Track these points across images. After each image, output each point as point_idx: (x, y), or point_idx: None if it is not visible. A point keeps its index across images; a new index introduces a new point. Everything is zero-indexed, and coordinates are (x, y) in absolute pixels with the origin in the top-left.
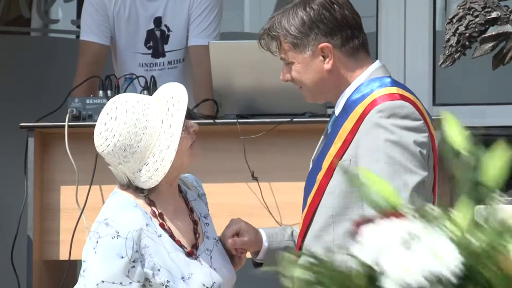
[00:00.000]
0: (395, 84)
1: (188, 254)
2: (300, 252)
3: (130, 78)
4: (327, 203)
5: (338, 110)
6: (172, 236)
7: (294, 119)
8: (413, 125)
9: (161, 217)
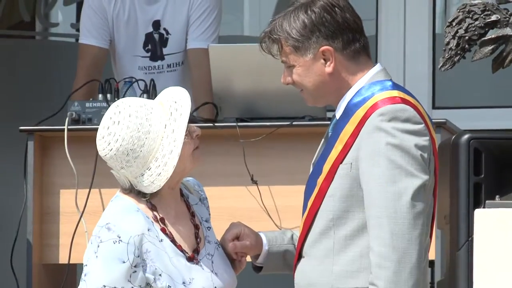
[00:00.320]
0: (396, 87)
1: (189, 259)
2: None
3: (129, 82)
4: (328, 207)
5: (339, 114)
6: (173, 241)
7: (293, 123)
8: (414, 129)
9: (162, 221)
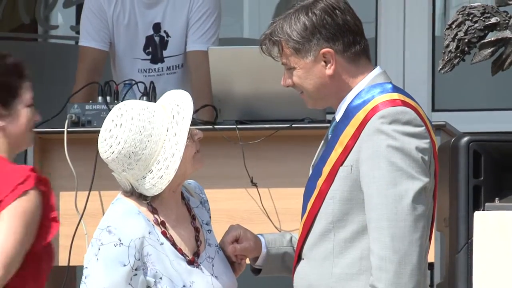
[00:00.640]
0: (396, 90)
1: (189, 262)
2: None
3: (129, 84)
4: (328, 209)
5: (339, 116)
6: (174, 244)
7: (293, 125)
8: (415, 131)
9: (163, 225)
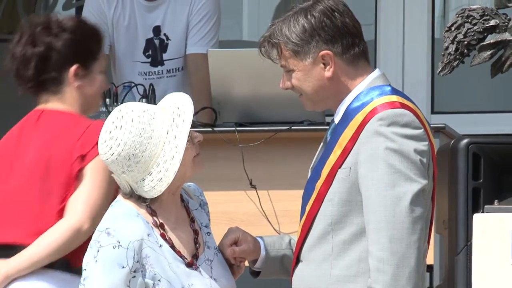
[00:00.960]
0: (395, 92)
1: (188, 265)
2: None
3: (128, 86)
4: (326, 211)
5: (337, 118)
6: (173, 247)
7: (292, 127)
8: (414, 134)
9: (162, 227)
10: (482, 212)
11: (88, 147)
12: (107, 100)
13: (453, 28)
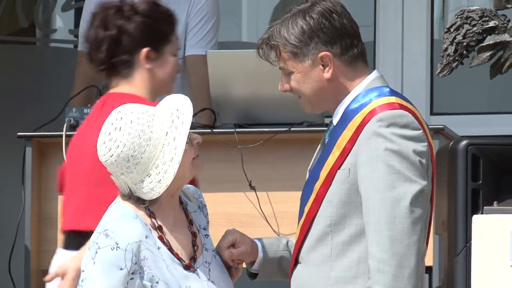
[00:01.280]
0: (393, 93)
1: (186, 267)
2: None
3: None
4: (326, 212)
5: (336, 120)
6: (171, 249)
7: (291, 129)
8: (413, 135)
9: (160, 229)
10: (482, 213)
11: None
12: None
13: (452, 29)
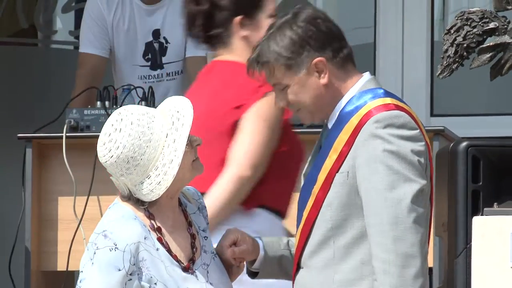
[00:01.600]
0: (388, 95)
1: (184, 269)
2: None
3: (127, 89)
4: (326, 216)
5: (331, 123)
6: (169, 251)
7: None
8: (410, 134)
9: (159, 231)
10: (482, 214)
11: (247, 95)
12: (106, 103)
13: (452, 31)
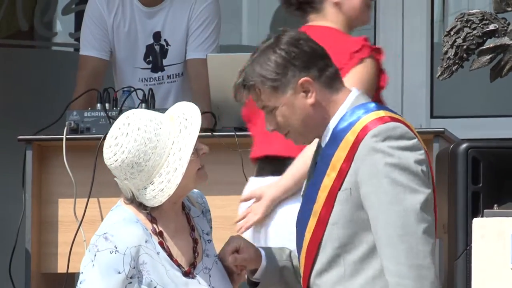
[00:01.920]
0: (380, 108)
1: (185, 274)
2: None
3: (128, 91)
4: (333, 234)
5: (324, 142)
6: (170, 255)
7: None
8: (409, 144)
9: (160, 235)
10: (482, 216)
11: (345, 59)
12: (107, 105)
13: (452, 33)
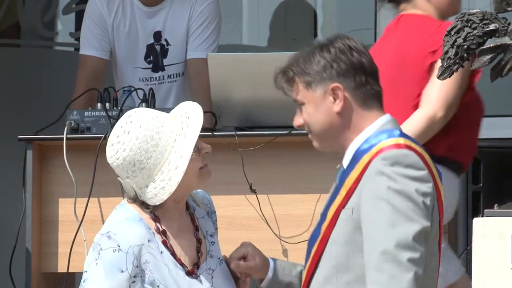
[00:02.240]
0: (403, 136)
1: (188, 273)
2: None
3: (128, 91)
4: (332, 252)
5: (346, 162)
6: (174, 254)
7: (292, 131)
8: (417, 175)
9: (164, 234)
10: (482, 216)
11: (439, 42)
12: (107, 104)
13: (452, 32)
